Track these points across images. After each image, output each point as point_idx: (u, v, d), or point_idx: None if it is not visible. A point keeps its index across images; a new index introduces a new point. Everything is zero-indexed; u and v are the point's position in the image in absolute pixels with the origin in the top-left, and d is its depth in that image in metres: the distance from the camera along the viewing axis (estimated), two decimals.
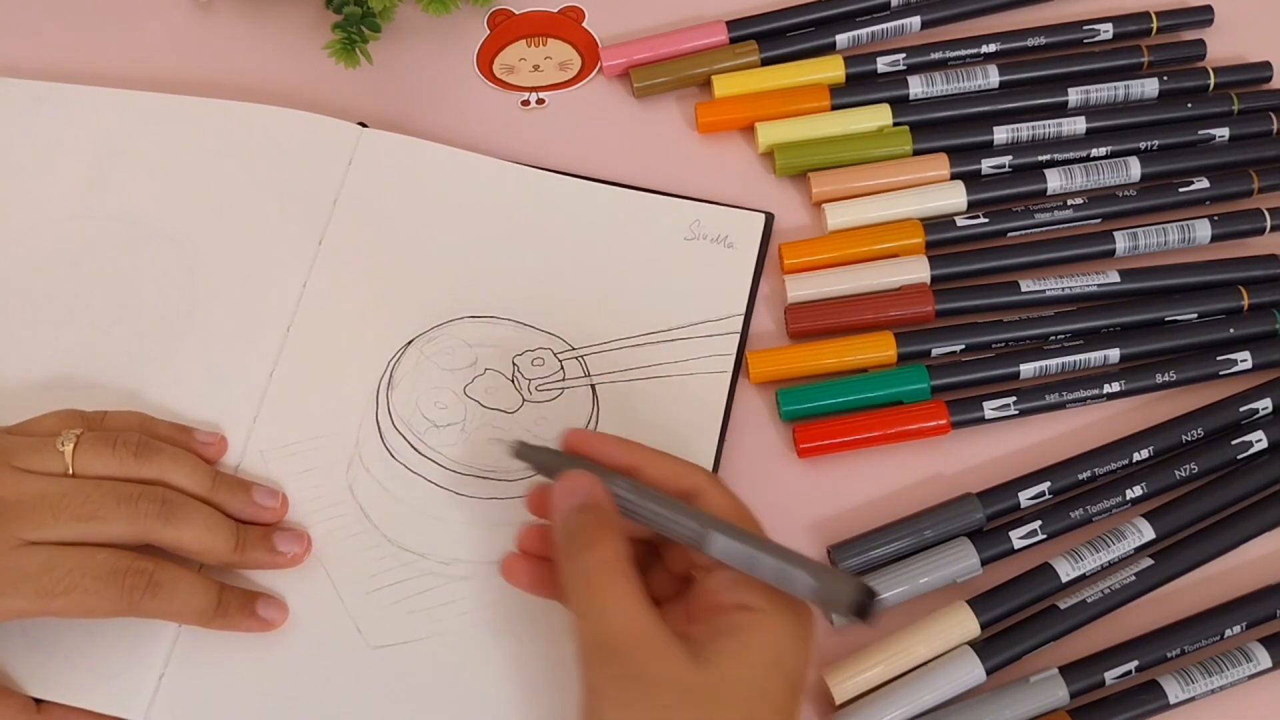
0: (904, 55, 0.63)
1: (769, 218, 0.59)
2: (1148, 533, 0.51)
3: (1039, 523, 0.52)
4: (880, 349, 0.56)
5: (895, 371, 0.56)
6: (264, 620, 0.49)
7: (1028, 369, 0.55)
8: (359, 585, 0.50)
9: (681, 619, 0.44)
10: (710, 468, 0.53)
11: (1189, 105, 0.62)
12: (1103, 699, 0.48)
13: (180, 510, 0.48)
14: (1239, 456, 0.53)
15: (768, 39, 0.64)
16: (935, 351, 0.56)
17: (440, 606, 0.50)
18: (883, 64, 0.63)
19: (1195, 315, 0.57)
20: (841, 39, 0.64)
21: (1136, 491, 0.52)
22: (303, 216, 0.58)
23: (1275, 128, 0.62)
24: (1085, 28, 0.64)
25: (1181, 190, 0.60)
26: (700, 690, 0.40)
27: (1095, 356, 0.56)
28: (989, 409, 0.54)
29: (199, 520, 0.48)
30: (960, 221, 0.59)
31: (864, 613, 0.40)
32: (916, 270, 0.58)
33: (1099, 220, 0.60)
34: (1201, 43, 0.64)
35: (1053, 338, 0.56)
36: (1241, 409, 0.54)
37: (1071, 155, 0.61)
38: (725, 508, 0.44)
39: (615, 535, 0.43)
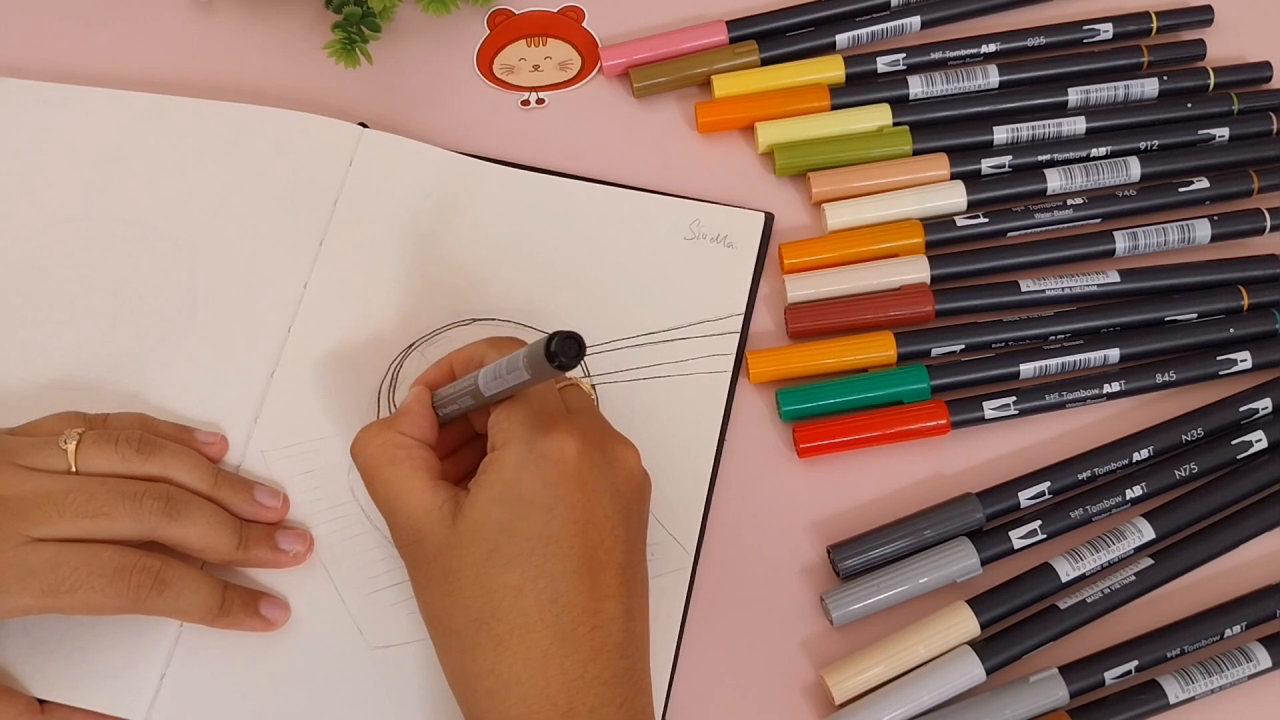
0: (904, 55, 0.63)
1: (769, 217, 0.59)
2: (1148, 533, 0.51)
3: (1039, 523, 0.52)
4: (880, 349, 0.56)
5: (895, 371, 0.56)
6: (266, 620, 0.49)
7: (1028, 369, 0.55)
8: (360, 586, 0.51)
9: None
10: (710, 468, 0.53)
11: (1189, 105, 0.62)
12: (1103, 699, 0.49)
13: (184, 508, 0.48)
14: (1239, 456, 0.53)
15: (768, 39, 0.64)
16: (935, 351, 0.56)
17: None
18: (883, 64, 0.63)
19: (1195, 315, 0.57)
20: (841, 39, 0.64)
21: (1136, 491, 0.53)
22: (304, 217, 0.58)
23: (1275, 128, 0.62)
24: (1085, 28, 0.64)
25: (1181, 190, 0.60)
26: (451, 541, 0.44)
27: (1095, 356, 0.56)
28: (989, 409, 0.54)
29: (203, 518, 0.48)
30: (960, 221, 0.59)
31: (559, 354, 0.41)
32: (916, 270, 0.58)
33: (1099, 220, 0.60)
34: (1201, 43, 0.64)
35: (1053, 338, 0.56)
36: (1241, 409, 0.54)
37: (1071, 155, 0.61)
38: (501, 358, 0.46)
39: (383, 430, 0.47)
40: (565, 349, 0.41)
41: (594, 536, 0.43)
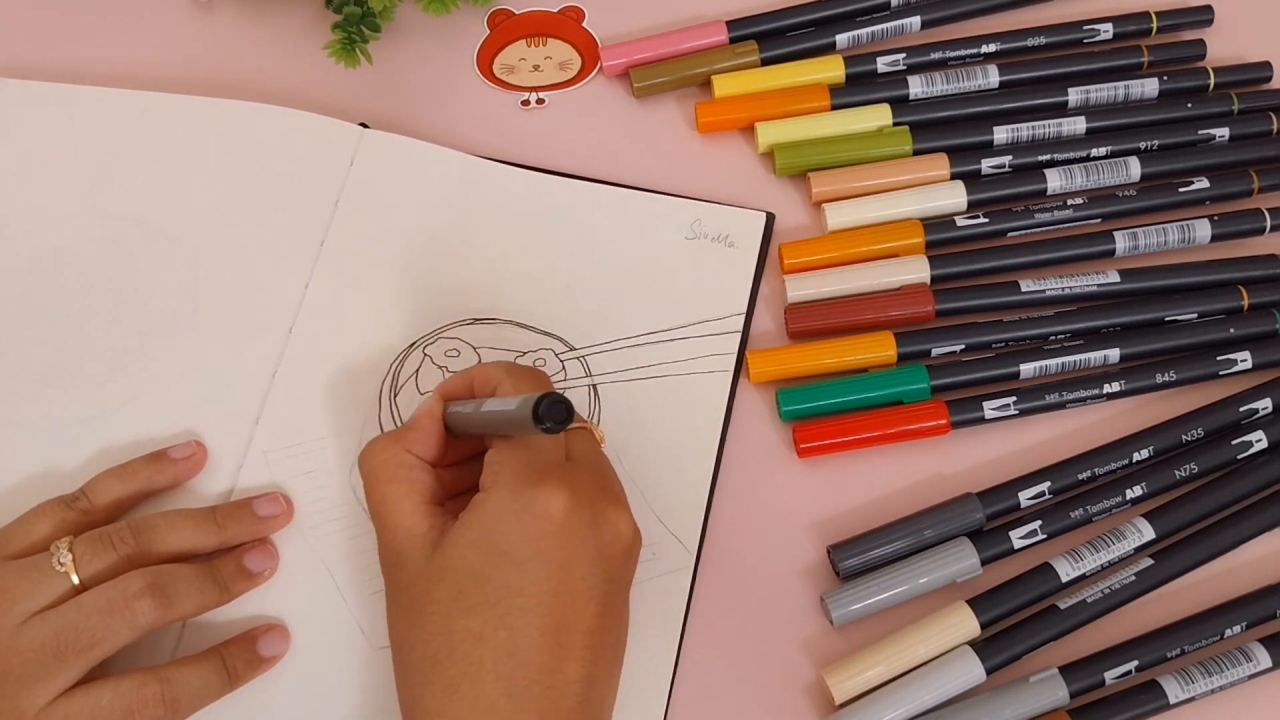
0: (904, 55, 0.63)
1: (770, 217, 0.59)
2: (1148, 533, 0.51)
3: (1039, 523, 0.52)
4: (880, 349, 0.56)
5: (895, 371, 0.56)
6: (270, 660, 0.49)
7: (1028, 369, 0.56)
8: (362, 586, 0.51)
9: None
10: (711, 467, 0.53)
11: (1189, 105, 0.62)
12: (1103, 699, 0.49)
13: (174, 589, 0.46)
14: (1239, 456, 0.53)
15: (768, 39, 0.64)
16: (935, 351, 0.56)
17: None
18: (883, 64, 0.63)
19: (1195, 315, 0.57)
20: (841, 39, 0.64)
21: (1136, 491, 0.53)
22: (304, 217, 0.58)
23: (1275, 128, 0.62)
24: (1085, 28, 0.64)
25: (1181, 190, 0.60)
26: (425, 574, 0.44)
27: (1095, 356, 0.56)
28: (989, 409, 0.54)
29: (191, 586, 0.47)
30: (960, 221, 0.59)
31: (548, 419, 0.40)
32: (916, 270, 0.58)
33: (1099, 220, 0.60)
34: (1201, 43, 0.65)
35: (1053, 338, 0.57)
36: (1241, 409, 0.54)
37: (1071, 155, 0.61)
38: (513, 389, 0.46)
39: (392, 445, 0.47)
40: (553, 414, 0.40)
41: (566, 597, 0.42)
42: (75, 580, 0.46)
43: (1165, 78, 0.63)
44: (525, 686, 0.41)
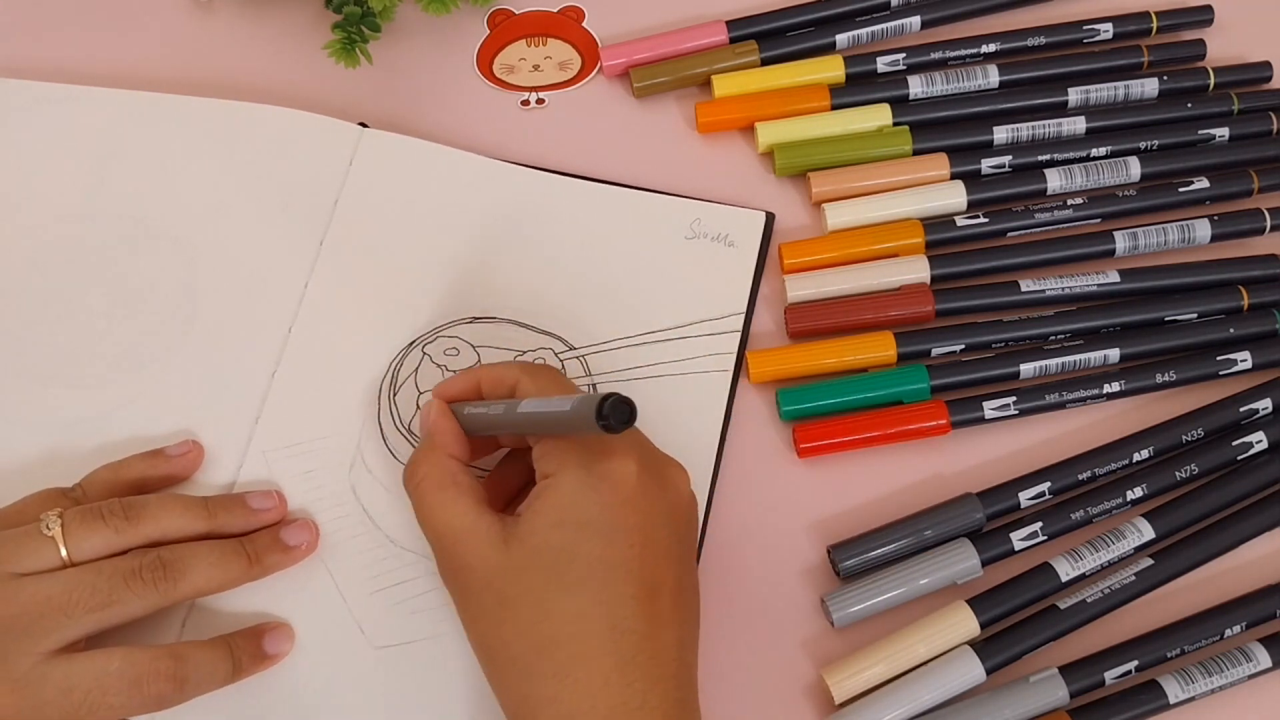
0: (904, 55, 0.63)
1: (770, 217, 0.59)
2: (1148, 533, 0.51)
3: (1039, 524, 0.52)
4: (880, 349, 0.56)
5: (895, 371, 0.56)
6: (274, 657, 0.49)
7: (1028, 369, 0.56)
8: (362, 586, 0.51)
9: None
10: (711, 467, 0.53)
11: (1189, 105, 0.62)
12: (1103, 699, 0.49)
13: (183, 565, 0.47)
14: (1239, 457, 0.53)
15: (768, 39, 0.64)
16: (935, 351, 0.56)
17: (443, 607, 0.50)
18: (883, 64, 0.63)
19: (1195, 315, 0.57)
20: (841, 39, 0.64)
21: (1137, 492, 0.53)
22: (304, 217, 0.58)
23: (1275, 128, 0.62)
24: (1085, 28, 0.64)
25: (1181, 190, 0.60)
26: (507, 567, 0.43)
27: (1095, 356, 0.56)
28: (989, 409, 0.54)
29: (205, 561, 0.47)
30: (960, 221, 0.59)
31: (612, 418, 0.40)
32: (916, 270, 0.58)
33: (1099, 220, 0.60)
34: (1201, 43, 0.65)
35: (1053, 338, 0.57)
36: (1241, 409, 0.54)
37: (1071, 155, 0.61)
38: (536, 389, 0.47)
39: (432, 454, 0.47)
40: (619, 414, 0.40)
41: (650, 562, 0.43)
42: (62, 547, 0.46)
43: (1165, 78, 0.63)
44: (632, 656, 0.42)
